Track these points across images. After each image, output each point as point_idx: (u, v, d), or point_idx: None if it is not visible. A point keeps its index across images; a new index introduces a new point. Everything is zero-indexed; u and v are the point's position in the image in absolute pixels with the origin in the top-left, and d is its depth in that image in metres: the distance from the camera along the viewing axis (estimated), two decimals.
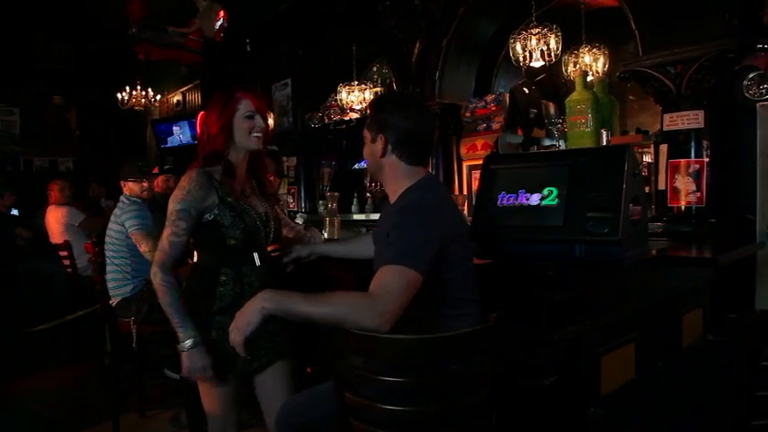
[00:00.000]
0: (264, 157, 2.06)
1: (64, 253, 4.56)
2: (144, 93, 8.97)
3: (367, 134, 1.74)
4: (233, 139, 1.87)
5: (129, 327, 3.18)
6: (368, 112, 1.76)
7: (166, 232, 1.81)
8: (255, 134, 1.88)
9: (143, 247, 3.23)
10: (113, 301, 3.27)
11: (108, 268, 3.28)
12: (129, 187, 3.47)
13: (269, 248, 2.02)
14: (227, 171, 1.87)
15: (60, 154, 9.72)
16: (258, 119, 1.89)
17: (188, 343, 1.78)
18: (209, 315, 1.86)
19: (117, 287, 3.28)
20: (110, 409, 3.14)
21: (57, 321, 4.58)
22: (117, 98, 8.82)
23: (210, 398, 1.92)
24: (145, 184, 3.47)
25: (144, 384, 3.45)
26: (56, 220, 5.11)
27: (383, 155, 1.69)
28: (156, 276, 1.77)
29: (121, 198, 3.45)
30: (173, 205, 1.80)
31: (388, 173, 1.71)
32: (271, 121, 4.46)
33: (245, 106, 1.87)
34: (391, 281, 1.41)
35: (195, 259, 1.95)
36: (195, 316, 1.87)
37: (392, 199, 1.73)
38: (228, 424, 1.94)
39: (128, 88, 8.82)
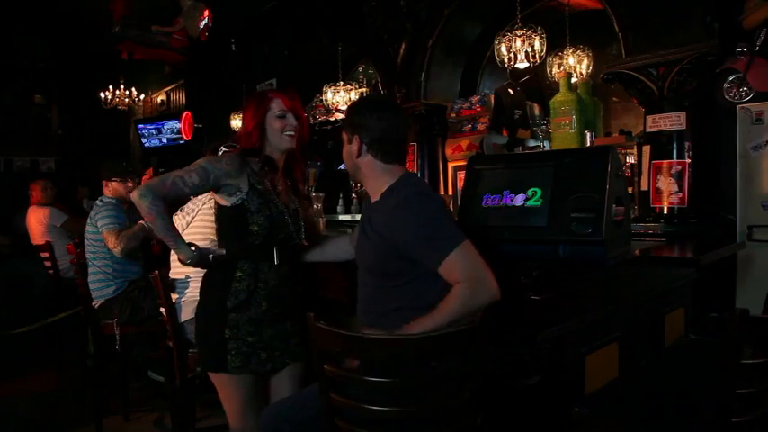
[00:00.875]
0: (301, 162, 2.06)
1: (45, 254, 4.50)
2: (127, 92, 8.88)
3: (344, 136, 1.78)
4: (267, 138, 1.90)
5: (111, 329, 3.14)
6: (344, 113, 1.80)
7: (176, 172, 1.80)
8: (288, 133, 1.90)
9: (111, 244, 3.13)
10: (96, 303, 3.23)
11: (90, 270, 3.24)
12: (113, 187, 3.42)
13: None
14: (267, 163, 1.90)
15: (41, 154, 9.58)
16: (290, 117, 1.91)
17: (191, 261, 1.83)
18: (222, 311, 1.85)
19: (99, 288, 3.24)
20: (93, 412, 3.11)
21: (38, 324, 4.52)
22: (100, 97, 8.72)
23: (229, 401, 1.91)
24: (129, 184, 3.43)
25: (128, 387, 3.42)
26: (38, 221, 5.04)
27: (358, 155, 1.72)
28: (146, 199, 1.73)
29: (100, 199, 3.40)
30: (199, 161, 1.83)
31: (366, 172, 1.75)
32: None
33: (277, 105, 1.90)
34: (463, 262, 1.51)
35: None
36: (208, 311, 1.89)
37: (374, 197, 1.75)
38: (250, 426, 1.90)
39: (111, 87, 8.72)
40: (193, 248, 1.84)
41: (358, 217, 5.15)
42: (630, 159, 4.23)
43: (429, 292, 1.58)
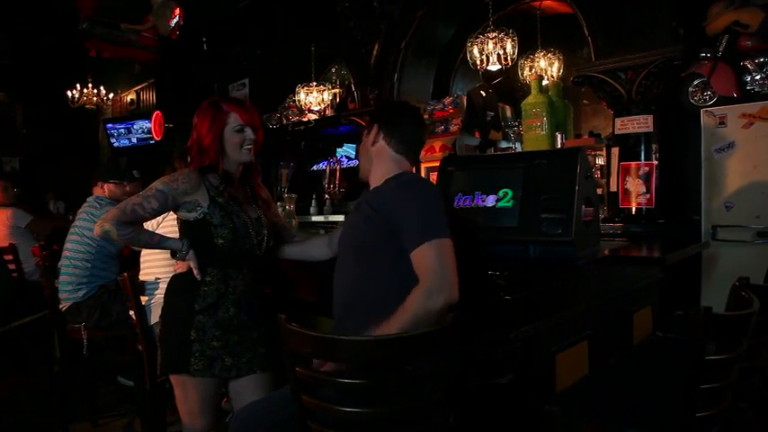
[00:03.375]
0: (256, 165, 2.05)
1: (9, 257, 4.38)
2: (95, 91, 8.69)
3: (365, 134, 1.84)
4: (225, 151, 1.89)
5: (79, 333, 3.07)
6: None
7: (134, 199, 1.81)
8: (246, 147, 1.90)
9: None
10: (63, 306, 3.15)
11: (63, 270, 3.16)
12: (110, 189, 3.35)
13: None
14: (225, 179, 1.90)
15: (5, 153, 9.31)
16: (249, 131, 1.90)
17: (184, 251, 1.85)
18: (189, 313, 1.84)
19: (69, 291, 3.15)
20: (59, 418, 3.04)
21: (2, 328, 4.39)
22: (67, 96, 8.52)
23: (186, 402, 1.89)
24: (127, 188, 3.36)
25: (96, 392, 3.35)
26: (0, 223, 4.90)
27: (374, 142, 1.78)
28: (111, 232, 1.77)
29: (95, 199, 3.31)
30: (155, 184, 1.83)
31: (376, 160, 1.79)
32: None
33: (234, 119, 1.89)
34: (432, 259, 1.49)
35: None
36: (175, 312, 1.88)
37: (375, 183, 1.76)
38: (203, 427, 1.90)
39: (78, 86, 8.53)
40: (181, 239, 1.87)
41: (331, 218, 5.15)
42: (600, 161, 4.31)
43: (409, 280, 1.55)
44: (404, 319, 1.46)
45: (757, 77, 3.36)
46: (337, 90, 6.29)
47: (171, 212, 2.31)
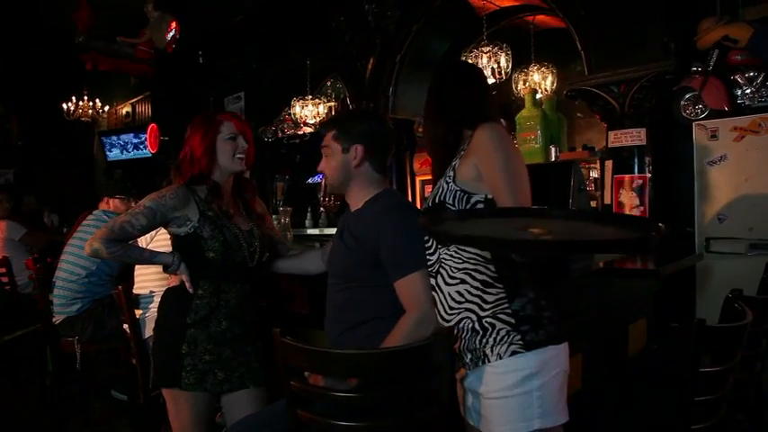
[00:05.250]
0: (250, 179, 2.07)
1: (2, 270, 4.35)
2: (91, 103, 8.69)
3: (335, 146, 1.72)
4: (217, 161, 1.89)
5: (72, 346, 3.05)
6: (329, 126, 1.78)
7: (123, 218, 1.82)
8: (239, 155, 1.91)
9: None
10: (56, 319, 3.13)
11: (59, 284, 3.14)
12: (115, 204, 3.37)
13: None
14: (214, 191, 1.90)
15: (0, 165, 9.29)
16: (241, 140, 1.92)
17: (174, 265, 1.85)
18: (181, 326, 1.84)
19: (63, 305, 3.13)
20: None
21: None
22: (62, 108, 8.51)
23: (178, 417, 1.87)
24: (132, 204, 3.37)
25: (89, 407, 3.32)
26: None
27: (359, 164, 1.71)
28: (101, 251, 1.77)
29: (101, 212, 3.31)
30: (143, 201, 1.84)
31: (359, 182, 1.73)
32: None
33: (227, 128, 1.90)
34: (421, 290, 1.53)
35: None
36: (167, 325, 1.88)
37: (356, 206, 1.75)
38: None
39: (74, 98, 8.53)
40: (172, 253, 1.87)
41: (326, 231, 5.14)
42: (594, 174, 4.34)
43: (396, 306, 1.57)
44: (395, 344, 1.47)
45: (747, 91, 3.40)
46: (333, 103, 6.32)
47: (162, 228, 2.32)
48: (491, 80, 4.62)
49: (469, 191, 1.48)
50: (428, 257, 1.55)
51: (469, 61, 4.58)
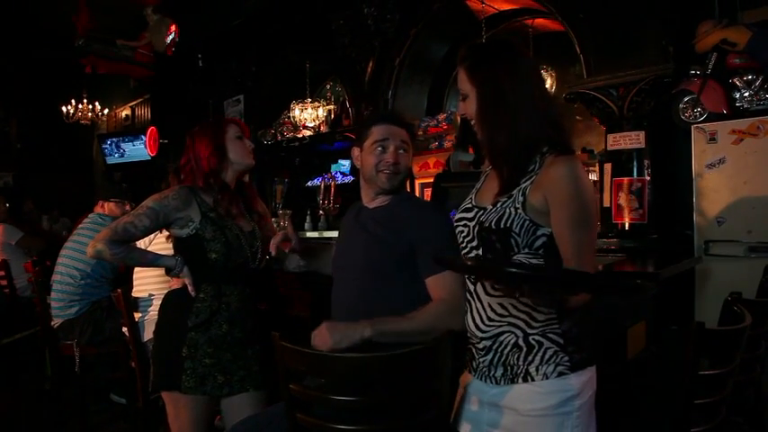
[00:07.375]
0: (250, 181, 2.15)
1: (0, 273, 4.35)
2: (90, 106, 8.69)
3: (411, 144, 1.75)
4: (228, 159, 1.94)
5: (71, 350, 3.05)
6: (410, 126, 1.77)
7: (126, 219, 1.84)
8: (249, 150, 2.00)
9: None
10: (55, 323, 3.13)
11: (56, 287, 3.14)
12: (110, 208, 3.39)
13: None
14: (222, 189, 1.92)
15: None
16: (247, 141, 2.00)
17: (177, 268, 1.86)
18: (181, 329, 1.84)
19: (62, 308, 3.13)
20: None
21: None
22: (62, 111, 8.51)
23: (177, 420, 1.87)
24: (127, 207, 3.38)
25: (87, 410, 3.30)
26: None
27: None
28: (104, 252, 1.79)
29: (96, 215, 3.32)
30: (146, 202, 1.86)
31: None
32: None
33: (233, 129, 1.98)
34: (457, 286, 1.52)
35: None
36: (168, 328, 1.89)
37: (383, 202, 1.71)
38: None
39: (73, 101, 8.53)
40: (175, 256, 1.88)
41: (325, 234, 5.13)
42: (593, 177, 4.33)
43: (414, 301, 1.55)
44: (424, 319, 1.48)
45: (746, 94, 3.41)
46: (332, 106, 6.32)
47: (161, 231, 2.33)
48: None
49: (537, 222, 1.35)
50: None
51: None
